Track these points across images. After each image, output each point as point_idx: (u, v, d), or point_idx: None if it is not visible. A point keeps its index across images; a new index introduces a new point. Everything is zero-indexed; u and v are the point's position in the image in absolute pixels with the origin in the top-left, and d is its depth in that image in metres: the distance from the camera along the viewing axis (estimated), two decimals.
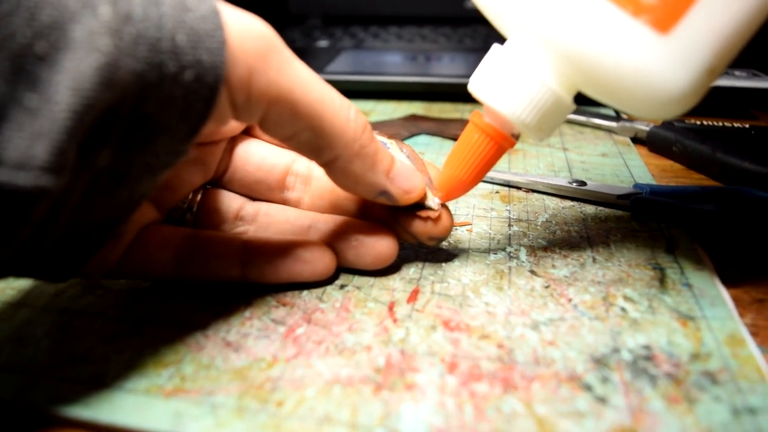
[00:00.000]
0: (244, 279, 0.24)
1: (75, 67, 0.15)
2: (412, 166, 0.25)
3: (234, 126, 0.26)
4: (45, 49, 0.15)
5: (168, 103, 0.17)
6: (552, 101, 0.22)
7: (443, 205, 0.25)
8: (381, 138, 0.27)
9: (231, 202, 0.27)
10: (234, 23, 0.18)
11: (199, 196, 0.27)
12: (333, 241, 0.25)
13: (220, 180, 0.28)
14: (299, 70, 0.20)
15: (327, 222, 0.26)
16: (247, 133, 0.28)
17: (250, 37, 0.19)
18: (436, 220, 0.25)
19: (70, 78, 0.15)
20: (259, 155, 0.27)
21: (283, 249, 0.24)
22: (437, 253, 0.28)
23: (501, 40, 0.24)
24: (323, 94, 0.20)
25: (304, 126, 0.20)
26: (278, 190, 0.28)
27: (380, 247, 0.25)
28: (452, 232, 0.29)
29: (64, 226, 0.18)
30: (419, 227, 0.25)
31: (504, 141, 0.23)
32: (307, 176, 0.28)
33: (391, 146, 0.26)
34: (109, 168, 0.18)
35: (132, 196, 0.20)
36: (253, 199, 0.28)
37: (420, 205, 0.25)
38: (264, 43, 0.19)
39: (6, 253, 0.17)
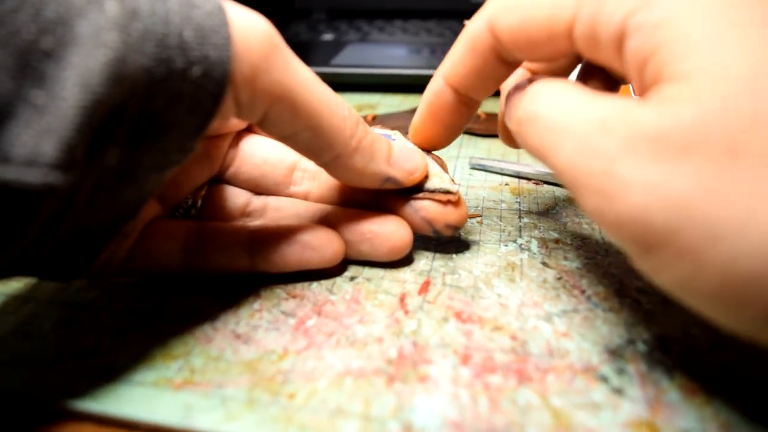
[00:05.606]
0: (252, 269, 0.24)
1: (82, 62, 0.14)
2: (411, 146, 0.25)
3: (237, 121, 0.26)
4: (51, 44, 0.14)
5: (176, 99, 0.17)
6: None
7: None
8: (385, 131, 0.27)
9: (236, 198, 0.27)
10: (238, 21, 0.18)
11: (203, 192, 0.27)
12: (346, 233, 0.25)
13: (224, 175, 0.27)
14: (300, 70, 0.20)
15: (339, 214, 0.26)
16: (249, 130, 0.28)
17: (254, 35, 0.18)
18: (456, 203, 0.25)
19: (78, 74, 0.14)
20: (266, 149, 0.27)
21: (291, 237, 0.24)
22: (448, 245, 0.27)
23: None
24: (321, 94, 0.21)
25: (304, 125, 0.20)
26: (284, 185, 0.27)
27: (395, 238, 0.24)
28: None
29: (71, 226, 0.18)
30: (437, 213, 0.25)
31: None
32: (315, 171, 0.27)
33: (397, 137, 0.26)
34: (117, 166, 0.17)
35: (140, 195, 0.20)
36: (258, 194, 0.28)
37: (438, 190, 0.25)
38: (267, 41, 0.19)
39: (14, 252, 0.16)
